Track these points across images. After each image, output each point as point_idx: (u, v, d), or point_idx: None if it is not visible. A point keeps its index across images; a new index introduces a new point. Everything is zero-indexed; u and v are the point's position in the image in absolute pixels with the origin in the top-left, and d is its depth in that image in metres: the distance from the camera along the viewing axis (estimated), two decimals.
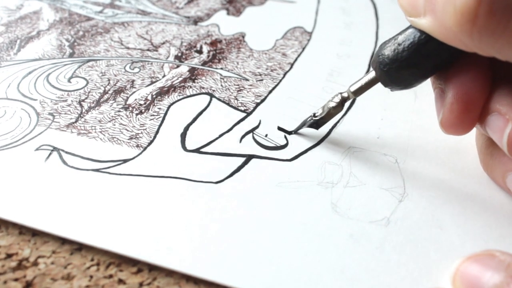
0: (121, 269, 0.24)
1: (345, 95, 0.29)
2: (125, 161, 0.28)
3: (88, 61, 0.36)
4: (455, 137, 0.31)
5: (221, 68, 0.36)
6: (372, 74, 0.27)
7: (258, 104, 0.33)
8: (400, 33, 0.25)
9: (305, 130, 0.31)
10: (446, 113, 0.25)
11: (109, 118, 0.31)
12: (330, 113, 0.29)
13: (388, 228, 0.25)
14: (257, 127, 0.31)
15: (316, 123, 0.30)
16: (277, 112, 0.32)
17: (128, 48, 0.37)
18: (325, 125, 0.30)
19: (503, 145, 0.24)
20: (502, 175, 0.26)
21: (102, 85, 0.34)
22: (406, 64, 0.25)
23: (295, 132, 0.31)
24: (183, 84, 0.34)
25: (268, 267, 0.23)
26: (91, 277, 0.23)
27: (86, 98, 0.32)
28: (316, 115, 0.30)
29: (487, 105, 0.24)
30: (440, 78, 0.25)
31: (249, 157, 0.29)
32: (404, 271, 0.24)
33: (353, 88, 0.28)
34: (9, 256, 0.24)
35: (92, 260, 0.24)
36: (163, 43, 0.38)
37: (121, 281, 0.23)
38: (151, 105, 0.32)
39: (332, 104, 0.29)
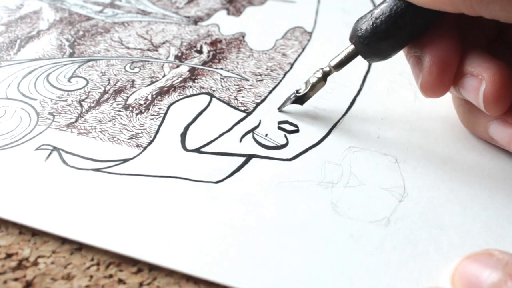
0: (121, 269, 0.24)
1: (327, 69, 0.30)
2: (125, 160, 0.28)
3: (88, 61, 0.36)
4: (455, 137, 0.31)
5: (221, 68, 0.36)
6: (351, 48, 0.29)
7: (258, 104, 0.33)
8: (375, 8, 0.28)
9: (290, 107, 0.32)
10: (426, 76, 0.27)
11: (109, 117, 0.31)
12: (313, 88, 0.31)
13: (388, 228, 0.25)
14: (257, 127, 0.31)
15: (301, 99, 0.31)
16: (277, 112, 0.32)
17: (128, 48, 0.37)
18: (326, 124, 0.30)
19: (479, 103, 0.26)
20: (484, 127, 0.28)
21: (102, 85, 0.34)
22: (384, 36, 0.27)
23: (280, 109, 0.32)
24: (183, 84, 0.34)
25: (268, 267, 0.23)
26: (91, 277, 0.23)
27: (86, 98, 0.32)
28: (299, 91, 0.31)
29: (460, 69, 0.27)
30: (415, 47, 0.28)
31: (249, 157, 0.29)
32: (404, 271, 0.24)
33: (333, 63, 0.30)
34: (9, 256, 0.24)
35: (92, 260, 0.24)
36: (163, 43, 0.38)
37: (121, 281, 0.23)
38: (151, 105, 0.32)
39: (314, 79, 0.31)
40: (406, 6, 0.27)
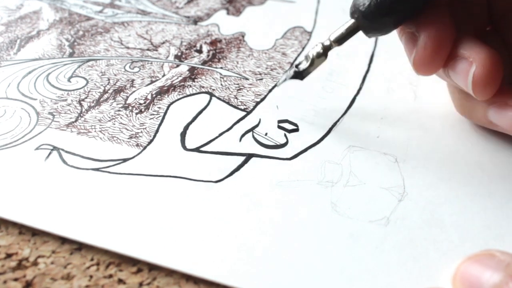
0: (121, 269, 0.24)
1: (327, 43, 0.30)
2: (125, 160, 0.28)
3: (88, 60, 0.36)
4: (455, 136, 0.31)
5: (221, 68, 0.36)
6: (352, 22, 0.29)
7: (258, 103, 0.33)
8: None
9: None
10: (420, 51, 0.27)
11: (109, 117, 0.31)
12: (314, 63, 0.30)
13: (388, 227, 0.25)
14: (257, 126, 0.31)
15: (301, 74, 0.30)
16: (277, 111, 0.32)
17: (128, 47, 0.37)
18: (326, 123, 0.30)
19: (468, 85, 0.27)
20: (483, 113, 0.28)
21: (102, 85, 0.33)
22: (387, 11, 0.27)
23: (279, 85, 0.32)
24: (183, 83, 0.34)
25: (268, 267, 0.23)
26: (91, 277, 0.23)
27: (86, 98, 0.32)
28: (299, 66, 0.30)
29: (452, 51, 0.27)
30: (410, 24, 0.28)
31: (249, 156, 0.29)
32: (404, 271, 0.24)
33: (333, 37, 0.30)
34: (9, 256, 0.24)
35: (92, 260, 0.24)
36: (163, 42, 0.38)
37: (121, 281, 0.23)
38: (151, 104, 0.32)
39: (314, 53, 0.30)
40: None
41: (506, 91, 0.27)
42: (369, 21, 0.28)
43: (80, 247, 0.24)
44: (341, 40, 0.30)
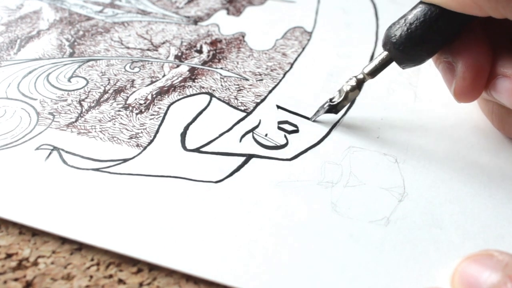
0: (121, 269, 0.24)
1: (360, 76, 0.30)
2: (125, 160, 0.28)
3: (88, 60, 0.36)
4: (455, 136, 0.31)
5: (221, 68, 0.36)
6: (385, 54, 0.29)
7: (258, 104, 0.33)
8: (408, 14, 0.27)
9: (324, 116, 0.31)
10: (459, 82, 0.27)
11: (109, 117, 0.31)
12: (348, 97, 0.30)
13: (388, 227, 0.25)
14: (257, 126, 0.31)
15: (335, 108, 0.31)
16: (277, 111, 0.32)
17: (128, 47, 0.37)
18: (326, 124, 0.30)
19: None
20: None
21: (102, 85, 0.34)
22: (420, 41, 0.27)
23: (314, 119, 0.32)
24: (183, 83, 0.34)
25: (268, 267, 0.23)
26: (91, 277, 0.23)
27: (86, 98, 0.32)
28: (333, 100, 0.31)
29: (492, 71, 0.27)
30: (445, 53, 0.28)
31: (249, 157, 0.29)
32: (404, 271, 0.24)
33: (367, 70, 0.30)
34: (9, 256, 0.24)
35: (92, 260, 0.24)
36: (163, 42, 0.38)
37: (121, 281, 0.23)
38: (151, 105, 0.32)
39: (348, 88, 0.30)
40: (440, 11, 0.27)
41: None
42: (401, 52, 0.28)
43: (80, 247, 0.24)
44: (374, 72, 0.30)
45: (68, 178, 0.27)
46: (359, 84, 0.30)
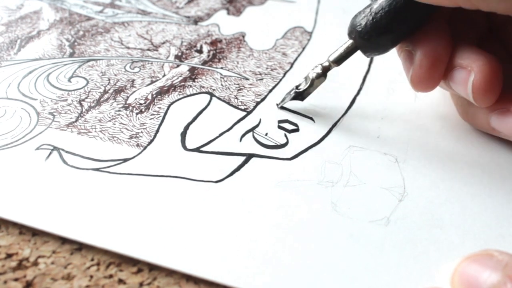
0: (121, 269, 0.24)
1: (326, 64, 0.30)
2: (125, 160, 0.28)
3: (88, 60, 0.36)
4: (455, 136, 0.31)
5: (221, 68, 0.36)
6: (350, 43, 0.29)
7: (258, 103, 0.33)
8: (373, 3, 0.28)
9: (291, 103, 0.32)
10: (416, 69, 0.28)
11: (109, 117, 0.31)
12: (313, 84, 0.31)
13: (388, 227, 0.25)
14: (257, 126, 0.31)
15: (301, 95, 0.31)
16: (277, 110, 0.32)
17: (128, 47, 0.37)
18: (326, 123, 0.31)
19: (468, 94, 0.27)
20: (486, 119, 0.28)
21: (102, 85, 0.34)
22: (385, 30, 0.28)
23: (281, 106, 0.32)
24: (183, 83, 0.34)
25: (268, 267, 0.23)
26: (91, 277, 0.23)
27: (86, 98, 0.32)
28: (299, 87, 0.31)
29: (450, 62, 0.27)
30: (407, 42, 0.28)
31: (249, 156, 0.29)
32: (404, 271, 0.24)
33: (332, 57, 0.30)
34: (9, 256, 0.24)
35: (92, 260, 0.24)
36: (163, 42, 0.38)
37: (121, 281, 0.23)
38: (151, 105, 0.32)
39: (314, 75, 0.31)
40: (405, 1, 0.27)
41: (508, 97, 0.27)
42: (366, 41, 0.28)
43: (80, 247, 0.24)
44: (339, 60, 0.30)
45: (68, 178, 0.27)
46: (325, 71, 0.30)
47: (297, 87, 0.31)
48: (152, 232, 0.25)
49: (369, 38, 0.28)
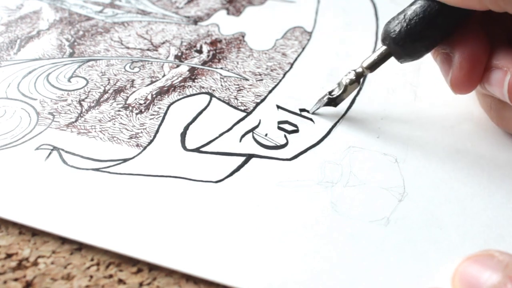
0: (121, 269, 0.24)
1: (359, 70, 0.30)
2: (125, 160, 0.28)
3: (88, 60, 0.36)
4: (455, 136, 0.31)
5: (221, 68, 0.36)
6: (383, 49, 0.29)
7: (258, 104, 0.33)
8: (407, 9, 0.28)
9: (323, 109, 0.32)
10: (456, 72, 0.28)
11: (109, 117, 0.31)
12: (347, 90, 0.31)
13: (388, 227, 0.25)
14: (257, 126, 0.31)
15: (334, 101, 0.31)
16: (277, 111, 0.32)
17: (128, 47, 0.37)
18: (326, 124, 0.31)
19: (504, 94, 0.27)
20: None
21: (102, 85, 0.34)
22: (419, 37, 0.27)
23: (314, 112, 0.32)
24: (183, 83, 0.34)
25: (268, 267, 0.23)
26: (91, 277, 0.23)
27: (86, 98, 0.32)
28: (333, 93, 0.31)
29: (487, 64, 0.27)
30: (444, 45, 0.28)
31: (249, 157, 0.29)
32: (404, 271, 0.24)
33: (365, 64, 0.30)
34: (9, 256, 0.24)
35: (92, 260, 0.24)
36: (163, 42, 0.38)
37: (121, 281, 0.23)
38: (151, 105, 0.32)
39: (347, 81, 0.30)
40: (439, 7, 0.27)
41: None
42: (401, 48, 0.28)
43: (80, 247, 0.24)
44: (373, 66, 0.30)
45: (68, 178, 0.27)
46: (358, 77, 0.30)
47: (330, 93, 0.31)
48: (152, 232, 0.25)
49: (404, 44, 0.28)
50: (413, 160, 0.29)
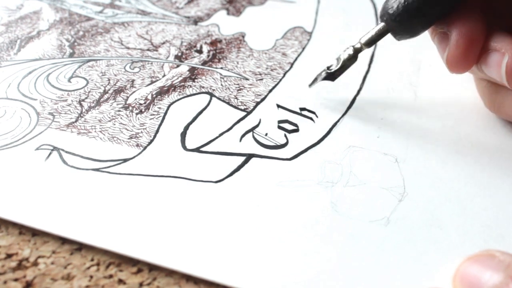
0: (121, 269, 0.24)
1: (357, 46, 0.31)
2: (125, 160, 0.28)
3: (88, 61, 0.36)
4: (455, 136, 0.31)
5: (221, 68, 0.36)
6: (381, 25, 0.30)
7: (258, 103, 0.33)
8: None
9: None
10: (452, 49, 0.28)
11: (109, 117, 0.31)
12: (344, 65, 0.31)
13: (388, 227, 0.25)
14: (257, 126, 0.31)
15: (332, 75, 0.31)
16: (277, 111, 0.32)
17: (128, 48, 0.37)
18: (326, 123, 0.30)
19: (502, 76, 0.27)
20: None
21: (102, 85, 0.34)
22: (416, 13, 0.28)
23: (311, 85, 0.32)
24: (183, 83, 0.34)
25: (268, 267, 0.23)
26: (91, 277, 0.23)
27: (86, 98, 0.32)
28: (330, 68, 0.31)
29: (484, 45, 0.28)
30: (442, 24, 0.28)
31: (249, 156, 0.29)
32: (404, 271, 0.24)
33: (363, 40, 0.30)
34: (9, 256, 0.24)
35: (92, 260, 0.24)
36: (163, 43, 0.38)
37: (121, 281, 0.23)
38: (151, 105, 0.32)
39: (346, 56, 0.31)
40: None
41: None
42: (398, 24, 0.28)
43: (80, 247, 0.24)
44: (371, 42, 0.30)
45: (68, 178, 0.27)
46: (356, 53, 0.31)
47: (328, 67, 0.31)
48: (152, 232, 0.25)
49: (400, 20, 0.28)
50: (413, 160, 0.29)
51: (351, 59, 0.31)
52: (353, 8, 0.43)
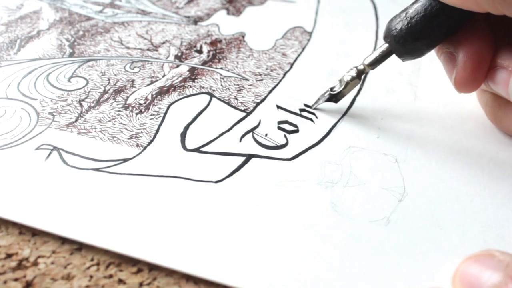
0: (121, 269, 0.24)
1: (361, 67, 0.30)
2: (125, 160, 0.28)
3: (88, 60, 0.36)
4: (455, 136, 0.31)
5: (221, 68, 0.36)
6: (385, 47, 0.29)
7: (258, 104, 0.33)
8: (409, 8, 0.28)
9: (324, 105, 0.32)
10: (460, 71, 0.27)
11: (109, 117, 0.31)
12: (348, 86, 0.31)
13: (388, 227, 0.25)
14: (257, 126, 0.31)
15: (335, 97, 0.31)
16: (277, 111, 0.32)
17: (128, 47, 0.37)
18: (326, 124, 0.30)
19: (509, 94, 0.27)
20: None
21: (102, 85, 0.34)
22: (420, 36, 0.27)
23: (314, 107, 0.32)
24: (183, 83, 0.34)
25: (268, 267, 0.23)
26: (91, 277, 0.23)
27: (86, 98, 0.32)
28: (334, 89, 0.31)
29: (491, 63, 0.27)
30: (448, 43, 0.28)
31: (249, 157, 0.29)
32: (404, 271, 0.24)
33: (367, 61, 0.30)
34: (9, 256, 0.24)
35: (92, 260, 0.24)
36: (163, 42, 0.38)
37: (121, 281, 0.23)
38: (151, 105, 0.32)
39: (349, 77, 0.31)
40: (441, 6, 0.27)
41: None
42: (401, 46, 0.28)
43: (80, 247, 0.24)
44: (374, 64, 0.30)
45: (68, 178, 0.27)
46: (359, 74, 0.30)
47: (331, 89, 0.31)
48: (152, 232, 0.25)
49: (404, 43, 0.28)
50: (413, 160, 0.29)
51: (354, 80, 0.31)
52: (353, 8, 0.43)
